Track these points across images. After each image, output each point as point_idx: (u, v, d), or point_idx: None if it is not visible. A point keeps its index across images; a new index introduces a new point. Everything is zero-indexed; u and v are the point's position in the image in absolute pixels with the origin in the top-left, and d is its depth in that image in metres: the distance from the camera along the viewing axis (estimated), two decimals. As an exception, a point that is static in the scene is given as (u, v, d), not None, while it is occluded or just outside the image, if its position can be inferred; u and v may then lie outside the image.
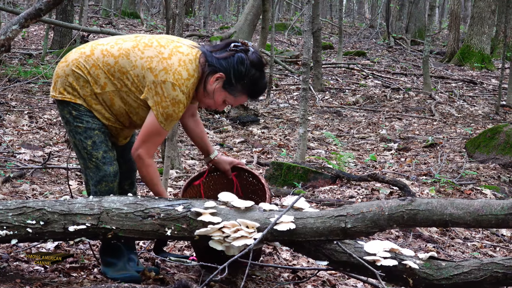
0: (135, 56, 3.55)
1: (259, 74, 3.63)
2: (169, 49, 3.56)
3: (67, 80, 3.63)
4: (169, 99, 3.49)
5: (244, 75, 3.57)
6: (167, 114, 3.52)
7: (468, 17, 24.10)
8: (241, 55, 3.58)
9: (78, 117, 3.63)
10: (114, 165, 3.67)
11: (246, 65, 3.57)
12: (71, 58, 3.66)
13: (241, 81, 3.58)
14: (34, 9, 4.72)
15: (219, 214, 3.43)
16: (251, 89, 3.64)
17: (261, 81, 3.65)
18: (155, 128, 3.55)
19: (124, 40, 3.64)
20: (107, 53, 3.59)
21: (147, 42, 3.59)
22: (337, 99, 12.71)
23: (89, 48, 3.65)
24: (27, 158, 6.63)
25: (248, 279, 3.90)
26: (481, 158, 7.74)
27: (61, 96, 3.65)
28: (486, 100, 13.05)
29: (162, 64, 3.50)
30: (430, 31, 13.61)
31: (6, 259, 3.87)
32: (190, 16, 27.10)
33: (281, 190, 6.15)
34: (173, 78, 3.48)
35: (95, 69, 3.59)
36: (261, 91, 3.71)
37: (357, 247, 3.41)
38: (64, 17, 14.77)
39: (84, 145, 3.63)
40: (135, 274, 3.72)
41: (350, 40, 23.21)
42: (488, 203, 3.27)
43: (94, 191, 3.67)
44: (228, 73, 3.57)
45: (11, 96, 10.22)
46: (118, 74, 3.57)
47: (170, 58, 3.52)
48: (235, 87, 3.60)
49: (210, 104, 3.69)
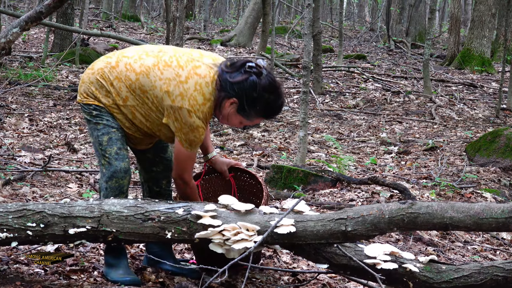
0: (154, 76, 3.59)
1: (273, 97, 3.65)
2: (186, 70, 3.58)
3: (90, 87, 3.70)
4: (187, 126, 3.56)
5: (256, 101, 3.61)
6: (189, 140, 3.60)
7: (469, 20, 24.10)
8: (254, 79, 3.59)
9: (99, 115, 3.70)
10: (126, 162, 3.71)
11: (258, 90, 3.59)
12: (97, 67, 3.72)
13: (254, 107, 3.62)
14: (34, 12, 4.72)
15: (219, 217, 3.43)
16: (264, 112, 3.68)
17: (275, 103, 3.68)
18: (185, 154, 3.65)
19: (148, 54, 3.67)
20: (130, 68, 3.64)
21: (167, 61, 3.62)
22: (337, 102, 12.71)
23: (115, 59, 3.70)
24: (27, 161, 6.63)
25: (248, 282, 3.90)
26: (482, 162, 7.74)
27: (86, 99, 3.72)
28: (487, 104, 13.05)
29: (178, 88, 3.54)
30: (431, 34, 13.61)
31: (6, 262, 3.87)
32: (190, 19, 27.11)
33: (281, 193, 6.15)
34: (188, 104, 3.53)
35: (118, 82, 3.65)
36: (276, 111, 3.74)
37: (357, 250, 3.41)
38: (65, 20, 14.78)
39: (100, 141, 3.69)
40: (135, 278, 3.73)
41: (350, 43, 23.22)
42: (489, 206, 3.26)
43: (105, 187, 3.72)
44: (241, 99, 3.59)
45: (11, 99, 10.22)
46: (138, 91, 3.63)
47: (187, 81, 3.55)
48: (249, 112, 3.65)
49: (227, 123, 3.75)
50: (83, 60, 14.37)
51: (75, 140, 7.98)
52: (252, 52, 18.02)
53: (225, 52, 18.35)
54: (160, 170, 4.00)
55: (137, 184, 6.04)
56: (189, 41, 20.00)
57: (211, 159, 4.15)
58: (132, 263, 4.13)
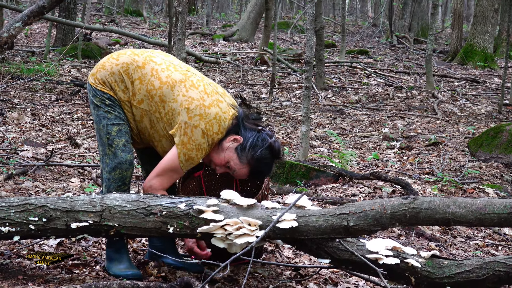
0: (179, 90, 3.64)
1: (270, 159, 3.77)
2: (211, 99, 3.65)
3: (110, 77, 3.71)
4: (195, 144, 3.61)
5: (258, 149, 3.71)
6: (189, 156, 3.63)
7: (471, 16, 24.07)
8: (266, 136, 3.75)
9: (112, 106, 3.72)
10: (131, 155, 3.75)
11: (265, 144, 3.72)
12: (123, 60, 3.73)
13: (253, 152, 3.70)
14: (37, 7, 4.72)
15: (221, 211, 3.43)
16: (256, 164, 3.74)
17: (268, 165, 3.79)
18: (174, 165, 3.67)
19: (175, 69, 3.73)
20: (156, 74, 3.68)
21: (194, 83, 3.68)
22: (339, 97, 12.70)
23: (142, 60, 3.73)
24: (29, 155, 6.63)
25: (250, 276, 3.91)
26: (484, 157, 7.73)
27: (101, 86, 3.73)
28: (489, 99, 13.03)
29: (200, 110, 3.60)
30: (433, 29, 13.59)
31: (9, 256, 3.88)
32: (192, 14, 27.10)
33: (283, 188, 6.15)
34: (205, 127, 3.60)
35: (139, 83, 3.68)
36: (263, 173, 3.83)
37: (359, 245, 3.41)
38: (67, 14, 14.78)
39: (109, 130, 3.71)
40: (137, 272, 3.73)
41: (353, 38, 23.19)
42: (491, 202, 3.26)
43: (108, 178, 3.74)
44: (246, 140, 3.70)
45: (14, 93, 10.23)
46: (157, 99, 3.66)
47: (210, 108, 3.62)
48: (246, 154, 3.70)
49: (215, 160, 3.77)
50: (86, 55, 14.37)
51: (77, 135, 7.99)
52: (255, 47, 18.01)
53: (227, 47, 18.34)
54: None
55: (139, 179, 6.04)
56: (192, 36, 19.99)
57: None
58: (135, 257, 4.14)
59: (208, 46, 18.26)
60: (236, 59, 16.21)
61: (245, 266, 3.99)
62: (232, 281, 3.83)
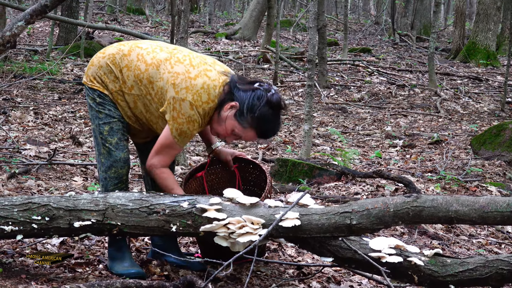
0: (164, 69, 3.64)
1: (272, 114, 3.68)
2: (197, 70, 3.64)
3: (98, 71, 3.75)
4: (185, 117, 3.59)
5: (256, 109, 3.63)
6: (181, 130, 3.61)
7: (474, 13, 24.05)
8: (261, 92, 3.66)
9: (102, 104, 3.75)
10: (126, 152, 3.76)
11: (262, 101, 3.64)
12: (109, 52, 3.77)
13: (251, 114, 3.63)
14: (39, 5, 4.71)
15: (224, 210, 3.43)
16: (259, 125, 3.67)
17: (272, 121, 3.70)
18: (169, 141, 3.66)
19: (161, 49, 3.74)
20: (141, 58, 3.69)
21: (180, 58, 3.68)
22: (342, 95, 12.69)
23: (127, 48, 3.75)
24: (32, 154, 6.64)
25: (253, 275, 3.91)
26: (487, 155, 7.72)
27: (91, 83, 3.76)
28: (492, 97, 13.01)
29: (186, 82, 3.59)
30: (436, 27, 13.57)
31: (12, 255, 3.88)
32: (195, 13, 27.10)
33: (286, 186, 6.15)
34: (192, 98, 3.57)
35: (127, 70, 3.70)
36: (270, 130, 3.75)
37: (362, 243, 3.41)
38: (70, 13, 14.78)
39: (101, 130, 3.74)
40: (140, 271, 3.74)
41: (355, 36, 23.17)
42: (494, 200, 3.26)
43: (104, 177, 3.76)
44: (242, 104, 3.63)
45: (16, 92, 10.23)
46: (145, 82, 3.67)
47: (196, 79, 3.60)
48: (246, 118, 3.65)
49: (220, 131, 3.75)
50: (88, 54, 14.37)
51: (80, 134, 7.99)
52: (257, 45, 18.00)
53: (230, 45, 18.33)
54: None
55: (141, 178, 6.04)
56: (194, 34, 19.98)
57: (215, 150, 4.16)
58: (137, 256, 4.14)
59: (210, 45, 18.25)
60: (238, 57, 16.20)
61: (248, 265, 3.99)
62: (235, 279, 3.83)
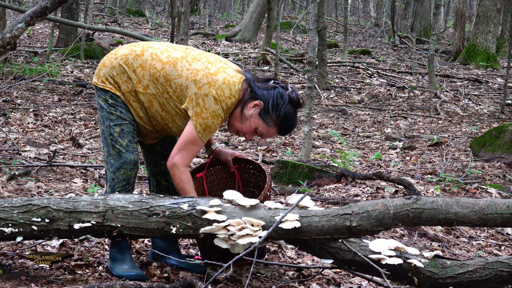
0: (182, 66, 3.68)
1: (294, 112, 3.80)
2: (216, 67, 3.69)
3: (111, 72, 3.75)
4: (210, 111, 3.62)
5: (280, 107, 3.74)
6: (205, 125, 3.64)
7: (474, 15, 24.04)
8: (282, 90, 3.77)
9: (114, 105, 3.75)
10: (136, 155, 3.77)
11: (285, 99, 3.75)
12: (121, 53, 3.78)
13: (277, 113, 3.74)
14: (39, 7, 4.72)
15: (224, 212, 3.43)
16: (283, 123, 3.79)
17: (293, 118, 3.82)
18: (193, 137, 3.67)
19: (175, 49, 3.79)
20: (156, 57, 3.72)
21: (196, 56, 3.73)
22: (342, 97, 12.69)
23: (140, 48, 3.78)
24: (32, 156, 6.64)
25: (253, 277, 3.90)
26: (487, 157, 7.72)
27: (103, 84, 3.77)
28: (492, 99, 13.02)
29: (207, 78, 3.63)
30: (436, 29, 13.58)
31: (11, 257, 3.88)
32: (195, 14, 27.10)
33: (286, 188, 6.15)
34: (215, 93, 3.62)
35: (141, 70, 3.71)
36: (291, 127, 3.87)
37: (362, 245, 3.41)
38: (70, 15, 14.79)
39: (112, 131, 3.74)
40: (140, 273, 3.74)
41: (355, 38, 23.18)
42: (494, 202, 3.26)
43: (112, 178, 3.76)
44: (267, 102, 3.73)
45: (16, 94, 10.23)
46: (162, 80, 3.69)
47: (216, 75, 3.65)
48: (271, 117, 3.75)
49: (240, 128, 3.80)
50: (88, 55, 14.38)
51: (80, 135, 7.99)
52: (257, 47, 18.00)
53: (230, 47, 18.34)
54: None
55: (142, 179, 6.04)
56: (194, 36, 19.98)
57: (215, 150, 4.19)
58: (137, 258, 4.14)
59: (210, 46, 18.26)
60: (238, 59, 16.21)
61: (248, 267, 3.99)
62: (235, 281, 3.83)
